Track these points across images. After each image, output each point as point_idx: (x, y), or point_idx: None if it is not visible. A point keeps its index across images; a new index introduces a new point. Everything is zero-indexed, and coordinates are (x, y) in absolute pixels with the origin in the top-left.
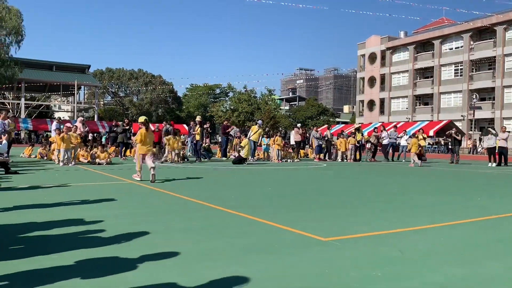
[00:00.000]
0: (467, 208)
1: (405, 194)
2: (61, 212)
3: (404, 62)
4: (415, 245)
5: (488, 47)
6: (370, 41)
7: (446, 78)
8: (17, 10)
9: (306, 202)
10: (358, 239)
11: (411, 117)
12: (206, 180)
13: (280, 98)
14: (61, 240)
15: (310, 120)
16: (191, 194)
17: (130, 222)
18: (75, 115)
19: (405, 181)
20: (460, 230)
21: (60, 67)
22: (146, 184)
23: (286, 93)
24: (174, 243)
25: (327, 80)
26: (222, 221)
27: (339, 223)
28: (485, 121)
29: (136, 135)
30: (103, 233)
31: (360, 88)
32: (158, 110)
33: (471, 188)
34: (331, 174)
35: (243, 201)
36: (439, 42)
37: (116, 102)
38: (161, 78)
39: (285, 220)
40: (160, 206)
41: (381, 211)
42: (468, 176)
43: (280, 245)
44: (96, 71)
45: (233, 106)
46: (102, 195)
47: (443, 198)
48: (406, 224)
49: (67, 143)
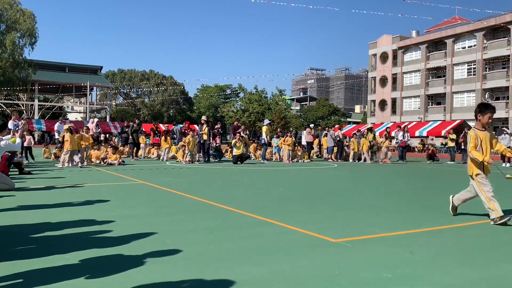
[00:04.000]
0: (480, 208)
1: (417, 195)
2: (73, 212)
3: (416, 62)
4: (426, 246)
5: (502, 46)
6: (382, 40)
7: (459, 77)
8: (31, 13)
9: (316, 203)
10: (369, 240)
11: (423, 117)
12: (216, 180)
13: (291, 98)
14: (73, 240)
15: (321, 120)
16: (202, 194)
17: (141, 222)
18: (87, 116)
19: (417, 181)
20: (472, 231)
21: (72, 69)
22: (157, 184)
23: (297, 93)
24: (185, 244)
25: (338, 80)
26: (232, 222)
27: (350, 224)
28: (499, 121)
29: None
30: (114, 233)
31: (372, 88)
32: (169, 111)
33: None
34: (342, 175)
35: (254, 201)
36: (452, 41)
37: (128, 103)
38: (172, 79)
39: (295, 221)
40: (171, 207)
41: (392, 211)
42: None
43: (291, 246)
44: (108, 72)
45: (243, 107)
46: (114, 195)
47: None
48: (417, 225)
49: (73, 144)
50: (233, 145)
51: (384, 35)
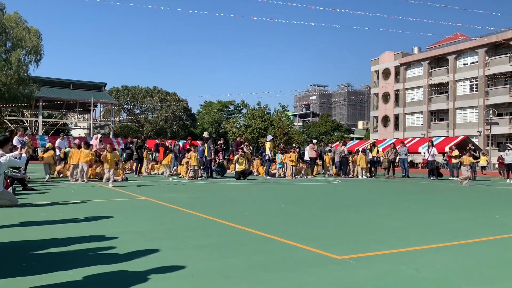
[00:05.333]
0: (486, 225)
1: (422, 211)
2: (77, 229)
3: (418, 78)
4: (432, 263)
5: (504, 62)
6: (384, 57)
7: (462, 93)
8: (36, 30)
9: (320, 219)
10: (374, 257)
11: (427, 133)
12: (219, 196)
13: (294, 114)
14: (76, 256)
15: (324, 136)
16: (205, 210)
17: (144, 239)
18: (91, 132)
19: (421, 197)
20: (478, 248)
21: (77, 85)
22: (160, 200)
23: (299, 109)
24: (189, 260)
25: (341, 96)
26: (236, 238)
27: (355, 240)
28: (503, 137)
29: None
30: (118, 249)
31: (374, 104)
32: (172, 127)
33: (489, 205)
34: (346, 191)
35: (257, 218)
36: (454, 58)
37: (131, 119)
38: (175, 95)
39: (300, 238)
40: (174, 223)
41: (397, 228)
42: (486, 193)
43: (295, 263)
44: (112, 89)
45: (246, 123)
46: (117, 211)
47: (460, 215)
48: (423, 242)
49: (75, 159)
50: (235, 161)
51: (386, 52)
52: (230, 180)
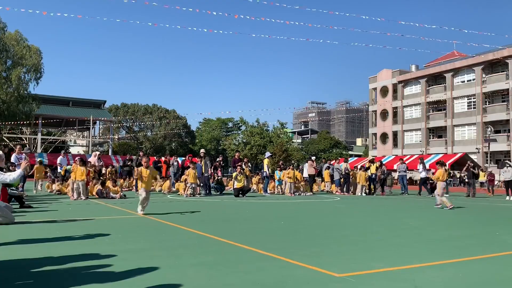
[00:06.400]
0: (486, 242)
1: (421, 228)
2: (74, 246)
3: (416, 95)
4: (432, 281)
5: (500, 80)
6: (382, 74)
7: (459, 110)
8: (37, 49)
9: (319, 237)
10: (373, 275)
11: (425, 150)
12: (217, 214)
13: (292, 131)
14: (73, 275)
15: (323, 153)
16: (203, 228)
17: (142, 257)
18: (89, 150)
19: (421, 214)
20: (479, 265)
21: (76, 103)
22: (158, 218)
23: (298, 126)
24: (187, 279)
25: (339, 113)
26: (235, 256)
27: (354, 258)
28: (501, 154)
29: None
30: (115, 267)
31: (373, 121)
32: (171, 144)
33: (489, 222)
34: (345, 208)
35: (256, 235)
36: (451, 75)
37: (130, 137)
38: (175, 112)
39: (298, 256)
40: (172, 241)
41: (397, 245)
42: (486, 210)
43: (294, 282)
44: (112, 106)
45: (245, 140)
46: (114, 229)
47: (460, 232)
48: (423, 259)
49: (77, 176)
50: (234, 178)
51: (384, 70)
52: (228, 197)
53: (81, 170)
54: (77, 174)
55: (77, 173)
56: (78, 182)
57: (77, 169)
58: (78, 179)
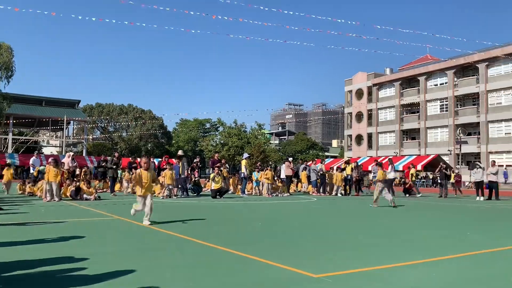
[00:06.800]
0: (459, 242)
1: (397, 229)
2: (46, 250)
3: (391, 98)
4: (407, 280)
5: (471, 84)
6: (357, 77)
7: (432, 113)
8: (8, 46)
9: (296, 238)
10: (350, 275)
11: (399, 152)
12: (194, 215)
13: (270, 132)
14: (46, 279)
15: (300, 154)
16: (181, 230)
17: (118, 260)
18: (63, 150)
19: (396, 215)
20: (451, 265)
21: (49, 102)
22: (134, 220)
23: (275, 127)
24: (163, 281)
25: (316, 115)
26: (212, 258)
27: (331, 258)
28: (472, 156)
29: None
30: (90, 270)
31: (348, 123)
32: (147, 145)
33: (461, 222)
34: (322, 209)
35: (233, 237)
36: (424, 79)
37: (105, 137)
38: (151, 113)
39: (275, 257)
40: (148, 243)
41: (372, 245)
42: (457, 210)
43: (272, 283)
44: (86, 106)
45: (223, 141)
46: (89, 231)
47: (434, 232)
48: (398, 259)
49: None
50: (211, 179)
51: (359, 72)
52: (206, 198)
53: (54, 171)
54: (50, 175)
55: (50, 174)
56: (51, 183)
57: (50, 170)
58: (51, 180)
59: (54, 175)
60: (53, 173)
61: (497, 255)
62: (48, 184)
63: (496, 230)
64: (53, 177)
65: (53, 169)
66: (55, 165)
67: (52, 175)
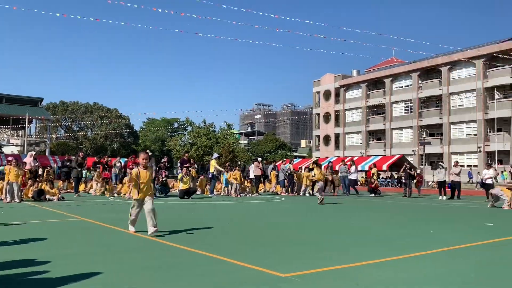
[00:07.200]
0: (423, 240)
1: (364, 228)
2: (6, 252)
3: (357, 99)
4: (373, 278)
5: (435, 86)
6: (325, 79)
7: (397, 114)
8: None
9: (265, 237)
10: (318, 274)
11: (365, 152)
12: (161, 216)
13: (239, 132)
14: (6, 283)
15: (269, 154)
16: (146, 231)
17: (83, 262)
18: (25, 149)
19: (362, 214)
20: (417, 262)
21: (10, 100)
22: (99, 221)
23: (245, 127)
24: (132, 284)
25: (285, 116)
26: (179, 260)
27: (299, 258)
28: (435, 156)
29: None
30: (53, 273)
31: (316, 123)
32: (113, 144)
33: (425, 221)
34: (290, 208)
35: (201, 238)
36: (390, 81)
37: (69, 136)
38: (117, 111)
39: (244, 256)
40: (115, 245)
41: (341, 244)
42: (421, 209)
43: (240, 283)
44: (49, 104)
45: (191, 140)
46: (52, 233)
47: (399, 231)
48: (365, 258)
49: (7, 177)
50: (179, 180)
51: (327, 74)
52: (173, 199)
53: (15, 171)
54: (11, 175)
55: (11, 174)
56: (12, 184)
57: (11, 170)
58: (12, 180)
59: (15, 175)
60: (14, 173)
61: (460, 252)
62: (9, 185)
63: (458, 229)
64: (14, 177)
65: (14, 169)
66: (16, 165)
67: (13, 175)
